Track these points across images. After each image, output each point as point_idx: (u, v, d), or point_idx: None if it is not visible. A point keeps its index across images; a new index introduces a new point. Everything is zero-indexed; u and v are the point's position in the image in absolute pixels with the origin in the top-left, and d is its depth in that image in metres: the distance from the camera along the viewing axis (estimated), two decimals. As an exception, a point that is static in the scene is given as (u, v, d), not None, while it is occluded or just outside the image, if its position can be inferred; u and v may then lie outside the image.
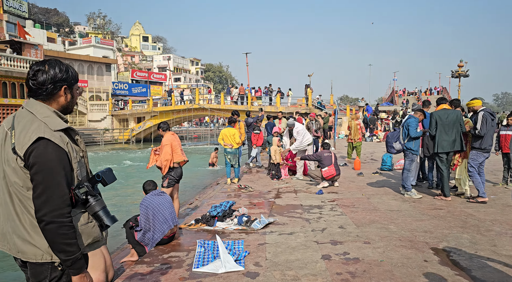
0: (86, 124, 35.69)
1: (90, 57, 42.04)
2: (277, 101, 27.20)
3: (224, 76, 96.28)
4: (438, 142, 6.16)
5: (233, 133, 8.29)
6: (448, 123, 6.07)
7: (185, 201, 9.03)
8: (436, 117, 6.19)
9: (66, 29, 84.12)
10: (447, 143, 6.07)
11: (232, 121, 8.59)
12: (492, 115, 5.87)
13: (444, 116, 6.12)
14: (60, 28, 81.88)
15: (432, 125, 6.25)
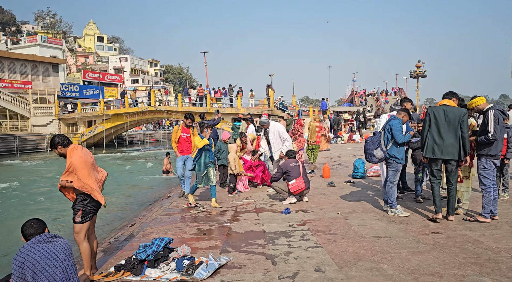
0: (29, 129, 32.50)
1: (35, 56, 38.58)
2: (238, 102, 25.84)
3: (185, 78, 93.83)
4: (428, 145, 5.01)
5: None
6: (445, 123, 4.91)
7: (126, 222, 7.44)
8: (430, 113, 5.03)
9: (13, 28, 78.48)
10: (439, 147, 4.92)
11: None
12: (503, 113, 4.79)
13: (441, 113, 4.94)
14: (5, 27, 76.25)
15: (424, 123, 5.10)
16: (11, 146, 27.13)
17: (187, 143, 7.40)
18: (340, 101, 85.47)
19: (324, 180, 8.79)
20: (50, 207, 10.54)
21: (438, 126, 4.96)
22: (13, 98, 32.04)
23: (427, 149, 5.04)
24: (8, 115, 31.40)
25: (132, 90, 64.28)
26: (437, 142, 4.95)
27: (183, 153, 7.39)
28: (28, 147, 29.10)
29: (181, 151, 7.38)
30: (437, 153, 4.94)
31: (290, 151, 6.83)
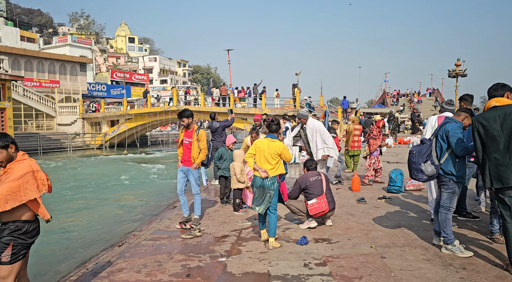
0: (54, 128, 32.59)
1: (62, 56, 38.91)
2: (262, 102, 24.55)
3: (212, 78, 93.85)
4: (491, 170, 3.49)
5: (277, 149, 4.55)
6: (504, 133, 3.40)
7: (107, 245, 6.32)
8: (478, 126, 3.54)
9: (50, 29, 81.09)
10: (508, 169, 3.39)
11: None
12: None
13: (494, 122, 3.45)
14: (43, 29, 78.83)
15: (475, 142, 3.61)
16: (35, 145, 27.11)
17: (188, 151, 5.70)
18: (371, 103, 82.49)
19: (353, 195, 7.34)
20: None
21: (496, 141, 3.43)
22: (40, 97, 32.24)
23: (491, 177, 3.49)
24: (34, 113, 31.61)
25: (161, 90, 64.50)
26: (503, 163, 3.40)
27: (183, 163, 5.76)
28: (52, 146, 29.07)
29: (183, 161, 5.78)
30: (509, 179, 3.39)
31: (310, 161, 5.44)
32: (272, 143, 4.45)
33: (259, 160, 4.47)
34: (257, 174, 4.50)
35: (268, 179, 4.42)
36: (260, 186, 4.46)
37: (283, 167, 4.57)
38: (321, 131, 6.61)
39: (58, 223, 8.56)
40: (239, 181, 6.16)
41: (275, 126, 4.59)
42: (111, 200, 11.30)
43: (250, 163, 4.53)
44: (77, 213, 9.79)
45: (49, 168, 20.02)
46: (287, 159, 4.48)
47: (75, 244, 7.04)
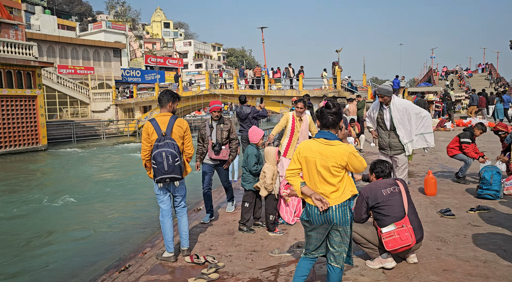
0: (89, 115, 32.35)
1: (95, 41, 38.53)
2: (299, 83, 22.49)
3: (247, 60, 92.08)
4: None
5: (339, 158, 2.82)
6: None
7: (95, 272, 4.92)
8: None
9: (89, 18, 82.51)
10: None
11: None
12: None
13: None
14: (82, 17, 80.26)
15: None
16: (69, 133, 26.81)
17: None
18: (413, 82, 77.14)
19: (429, 201, 5.41)
20: (65, 216, 8.47)
21: None
22: (74, 84, 31.98)
23: None
24: (68, 101, 31.43)
25: (196, 74, 63.65)
26: None
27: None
28: (86, 133, 28.72)
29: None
30: None
31: (381, 163, 3.58)
32: (329, 148, 2.58)
33: (310, 179, 2.66)
34: (309, 201, 2.66)
35: (334, 210, 2.57)
36: (319, 222, 2.61)
37: (353, 183, 2.68)
38: (417, 111, 4.95)
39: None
40: (266, 188, 4.41)
41: (333, 117, 2.62)
42: (129, 197, 10.03)
43: (295, 186, 2.69)
44: (88, 214, 8.56)
45: (75, 156, 19.36)
46: (359, 169, 2.64)
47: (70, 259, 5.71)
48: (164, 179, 3.63)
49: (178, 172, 3.63)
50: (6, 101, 20.14)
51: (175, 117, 3.79)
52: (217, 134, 4.98)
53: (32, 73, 21.54)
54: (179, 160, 3.63)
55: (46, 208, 9.04)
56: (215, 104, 5.05)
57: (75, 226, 7.63)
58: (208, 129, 5.07)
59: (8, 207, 8.89)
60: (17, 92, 20.63)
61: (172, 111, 3.88)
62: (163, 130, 3.67)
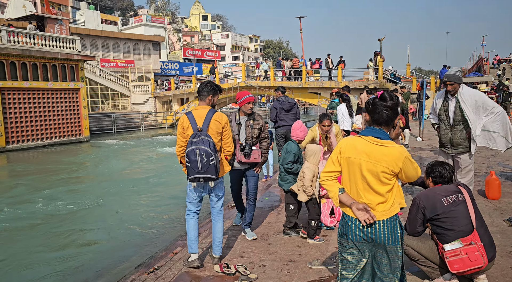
0: (129, 107, 33.17)
1: (135, 35, 39.41)
2: (338, 74, 21.65)
3: (284, 52, 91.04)
4: None
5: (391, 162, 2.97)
6: None
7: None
8: None
9: (131, 13, 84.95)
10: None
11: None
12: None
13: None
14: (125, 12, 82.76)
15: None
16: (111, 125, 27.60)
17: None
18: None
19: (493, 206, 4.77)
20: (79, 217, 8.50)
21: None
22: (115, 77, 32.86)
23: None
24: (110, 93, 32.36)
25: (233, 66, 63.75)
26: None
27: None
28: (126, 125, 29.47)
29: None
30: None
31: (440, 166, 3.05)
32: (380, 150, 2.10)
33: (351, 185, 2.20)
34: (348, 212, 2.19)
35: (381, 226, 2.09)
36: (361, 239, 2.12)
37: (402, 194, 2.18)
38: (487, 106, 4.31)
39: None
40: (305, 192, 3.97)
41: (388, 112, 2.13)
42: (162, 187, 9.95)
43: (332, 192, 2.24)
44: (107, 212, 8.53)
45: (112, 148, 19.79)
46: (412, 178, 2.10)
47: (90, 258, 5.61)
48: (198, 178, 3.33)
49: (213, 172, 3.30)
50: (52, 93, 20.93)
51: (213, 111, 3.45)
52: (247, 132, 4.11)
53: (75, 66, 22.23)
54: (214, 159, 3.28)
55: (79, 203, 9.14)
56: (247, 95, 4.15)
57: (108, 222, 7.60)
58: (235, 126, 4.15)
59: (41, 202, 8.98)
60: (62, 85, 21.38)
61: (212, 105, 3.55)
62: (199, 125, 3.36)
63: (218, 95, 3.61)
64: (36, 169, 13.42)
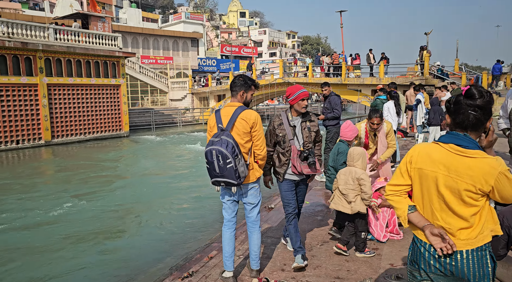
0: (167, 103, 33.73)
1: (174, 32, 40.03)
2: (380, 70, 20.69)
3: (322, 48, 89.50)
4: None
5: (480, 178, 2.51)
6: None
7: None
8: None
9: (171, 10, 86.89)
10: None
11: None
12: None
13: None
14: (165, 10, 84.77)
15: None
16: (149, 120, 28.15)
17: None
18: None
19: None
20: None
21: None
22: (155, 74, 33.48)
23: None
24: (149, 89, 33.03)
25: (270, 62, 63.47)
26: None
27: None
28: (164, 121, 29.96)
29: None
30: None
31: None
32: (464, 162, 1.67)
33: (424, 203, 1.79)
34: (420, 236, 1.78)
35: (465, 258, 1.65)
36: (437, 271, 1.69)
37: (496, 218, 1.70)
38: None
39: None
40: (364, 200, 3.51)
41: (476, 113, 1.67)
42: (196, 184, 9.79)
43: (400, 210, 1.81)
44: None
45: (149, 145, 20.05)
46: (510, 199, 1.67)
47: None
48: (218, 182, 3.01)
49: (232, 176, 2.93)
50: (94, 89, 21.56)
51: (242, 108, 3.09)
52: (304, 136, 3.41)
53: (116, 63, 22.76)
54: (232, 162, 2.90)
55: (116, 200, 9.15)
56: (300, 89, 3.38)
57: (143, 219, 7.51)
58: (289, 129, 3.41)
59: (77, 199, 9.07)
60: (103, 81, 21.96)
61: (245, 102, 3.19)
62: (224, 124, 3.03)
63: (252, 91, 3.23)
64: (77, 165, 13.77)
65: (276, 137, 3.44)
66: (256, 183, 3.21)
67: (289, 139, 3.38)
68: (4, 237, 6.46)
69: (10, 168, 13.99)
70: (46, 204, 8.41)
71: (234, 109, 3.08)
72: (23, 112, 18.27)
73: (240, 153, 2.99)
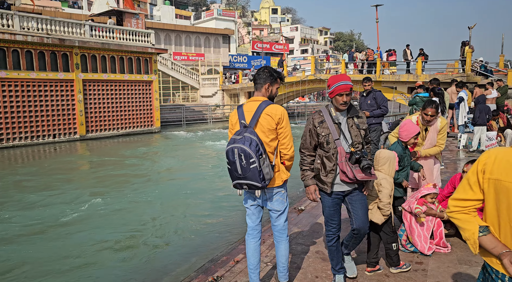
0: (198, 99, 33.94)
1: (206, 29, 40.22)
2: (417, 66, 19.74)
3: (356, 45, 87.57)
4: None
5: None
6: None
7: None
8: None
9: (203, 7, 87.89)
10: None
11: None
12: None
13: None
14: (198, 7, 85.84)
15: None
16: (180, 117, 28.42)
17: None
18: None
19: None
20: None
21: None
22: (186, 70, 33.77)
23: None
24: (181, 86, 33.34)
25: (302, 59, 62.78)
26: None
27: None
28: (195, 117, 30.15)
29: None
30: None
31: None
32: None
33: (503, 224, 1.40)
34: (495, 265, 1.41)
35: None
36: None
37: None
38: None
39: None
40: (381, 209, 3.11)
41: None
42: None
43: (469, 232, 1.45)
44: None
45: (177, 141, 20.13)
46: None
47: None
48: (241, 185, 2.70)
49: (256, 178, 2.61)
50: (127, 85, 21.93)
51: (267, 103, 2.79)
52: (352, 135, 2.83)
53: (149, 59, 23.03)
54: (257, 162, 2.59)
55: (142, 196, 9.09)
56: (341, 80, 2.77)
57: (168, 218, 7.39)
58: (333, 126, 2.83)
59: (99, 198, 9.01)
60: (136, 77, 22.29)
61: (270, 96, 2.89)
62: (247, 120, 2.75)
63: (277, 84, 2.92)
64: (106, 161, 13.95)
65: (317, 138, 2.84)
66: (282, 188, 2.89)
67: (335, 139, 2.78)
68: (22, 239, 6.48)
69: (41, 162, 14.40)
70: (67, 201, 8.42)
71: (258, 103, 2.79)
72: (59, 107, 18.83)
73: (265, 152, 2.68)
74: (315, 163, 2.88)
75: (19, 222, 7.07)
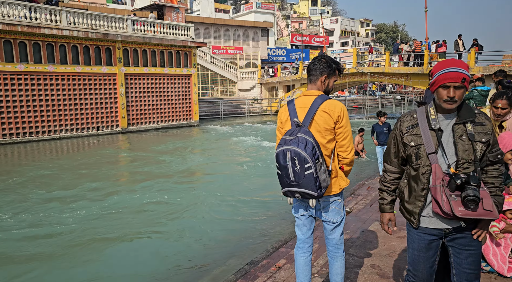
0: (236, 93, 33.87)
1: (245, 22, 40.01)
2: (470, 58, 18.36)
3: (399, 36, 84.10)
4: None
5: None
6: None
7: None
8: None
9: (243, 1, 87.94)
10: None
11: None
12: None
13: None
14: (237, 1, 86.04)
15: None
16: (218, 110, 28.48)
17: None
18: None
19: None
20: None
21: None
22: (225, 64, 33.76)
23: None
24: (219, 80, 33.40)
25: (342, 52, 61.15)
26: None
27: None
28: (233, 111, 30.09)
29: None
30: None
31: None
32: None
33: None
34: None
35: None
36: None
37: None
38: None
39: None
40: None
41: None
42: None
43: None
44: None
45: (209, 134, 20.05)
46: None
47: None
48: (292, 193, 2.33)
49: (311, 186, 2.24)
50: (167, 79, 22.15)
51: (323, 98, 2.40)
52: (459, 149, 1.94)
53: (188, 53, 23.13)
54: (312, 168, 2.20)
55: (179, 192, 8.98)
56: (452, 66, 1.89)
57: (207, 214, 7.18)
58: (428, 135, 1.99)
59: (132, 194, 8.95)
60: (176, 71, 22.46)
61: (325, 90, 2.49)
62: (300, 117, 2.37)
63: (335, 77, 2.51)
64: (143, 156, 14.07)
65: (404, 149, 2.09)
66: (339, 196, 2.50)
67: (428, 153, 1.97)
68: (45, 232, 6.49)
69: (85, 153, 14.78)
70: (101, 195, 8.45)
71: (313, 99, 2.41)
72: (103, 100, 19.34)
73: (322, 156, 2.30)
74: (401, 183, 2.16)
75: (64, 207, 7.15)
